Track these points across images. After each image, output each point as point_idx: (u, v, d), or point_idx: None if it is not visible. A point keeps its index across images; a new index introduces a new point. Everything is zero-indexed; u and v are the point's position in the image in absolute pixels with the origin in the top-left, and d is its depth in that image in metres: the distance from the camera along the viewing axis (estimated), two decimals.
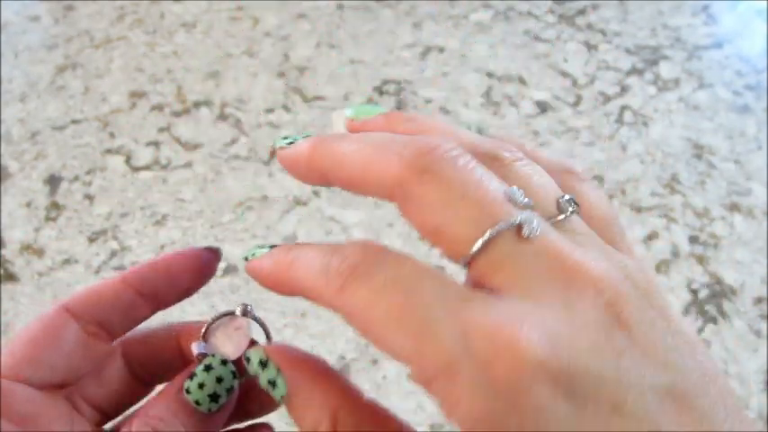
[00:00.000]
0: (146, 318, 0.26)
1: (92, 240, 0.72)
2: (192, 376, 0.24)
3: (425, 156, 0.20)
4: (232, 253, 0.70)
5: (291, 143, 0.25)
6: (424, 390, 0.18)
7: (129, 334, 0.25)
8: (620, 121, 0.82)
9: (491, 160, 0.22)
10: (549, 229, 0.20)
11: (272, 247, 0.23)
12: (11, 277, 0.69)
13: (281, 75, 0.88)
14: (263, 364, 0.22)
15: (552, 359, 0.17)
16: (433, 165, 0.20)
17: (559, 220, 0.21)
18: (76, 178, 0.78)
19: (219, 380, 0.24)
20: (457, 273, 0.21)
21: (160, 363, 0.26)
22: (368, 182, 0.21)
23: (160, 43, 0.93)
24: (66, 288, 0.68)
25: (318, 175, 0.23)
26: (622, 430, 0.17)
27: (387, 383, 0.60)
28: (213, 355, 0.25)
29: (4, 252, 0.71)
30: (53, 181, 0.77)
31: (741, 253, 0.69)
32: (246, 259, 0.23)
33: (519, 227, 0.19)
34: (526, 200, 0.20)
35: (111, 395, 0.25)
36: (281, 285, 0.22)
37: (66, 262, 0.70)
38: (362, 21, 0.95)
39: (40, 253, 0.71)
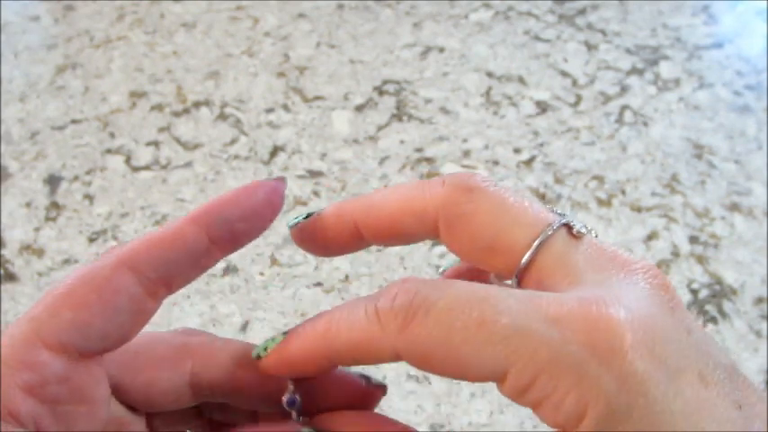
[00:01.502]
0: (213, 266, 0.22)
1: (92, 240, 0.72)
2: None
3: (468, 180, 0.21)
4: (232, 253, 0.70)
5: (308, 216, 0.24)
6: (519, 401, 0.18)
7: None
8: (620, 121, 0.82)
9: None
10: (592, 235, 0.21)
11: (285, 333, 0.21)
12: (11, 277, 0.69)
13: (281, 75, 0.88)
14: None
15: (643, 332, 0.18)
16: (478, 184, 0.21)
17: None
18: (76, 178, 0.78)
19: None
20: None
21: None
22: (407, 217, 0.21)
23: (160, 43, 0.93)
24: None
25: (350, 230, 0.22)
26: (711, 400, 0.18)
27: (387, 383, 0.60)
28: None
29: (4, 252, 0.71)
30: (53, 181, 0.77)
31: (741, 253, 0.69)
32: (260, 357, 0.21)
33: (568, 226, 0.20)
34: (559, 210, 0.22)
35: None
36: (324, 360, 0.20)
37: (66, 262, 0.70)
38: (362, 21, 0.95)
39: (39, 253, 0.71)
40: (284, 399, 0.22)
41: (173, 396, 0.23)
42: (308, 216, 0.24)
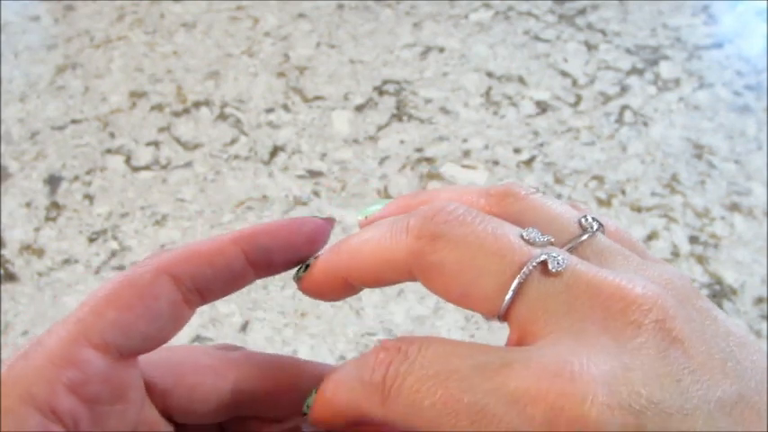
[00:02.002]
0: (247, 285, 0.24)
1: (92, 240, 0.72)
2: None
3: (432, 222, 0.20)
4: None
5: (306, 267, 0.24)
6: None
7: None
8: (620, 121, 0.82)
9: (504, 197, 0.21)
10: (576, 260, 0.19)
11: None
12: (11, 277, 0.69)
13: (281, 75, 0.88)
14: None
15: (617, 407, 0.16)
16: (443, 228, 0.20)
17: (585, 240, 0.20)
18: (76, 178, 0.78)
19: None
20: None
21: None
22: (384, 268, 0.21)
23: (160, 43, 0.93)
24: (67, 288, 0.68)
25: (341, 283, 0.23)
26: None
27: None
28: None
29: (4, 252, 0.71)
30: (53, 181, 0.77)
31: (741, 253, 0.69)
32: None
33: (544, 264, 0.19)
34: (545, 238, 0.20)
35: None
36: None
37: (66, 262, 0.70)
38: (362, 21, 0.95)
39: (39, 253, 0.71)
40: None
41: (213, 404, 0.23)
42: (306, 267, 0.24)
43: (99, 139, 0.82)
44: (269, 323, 0.65)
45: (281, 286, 0.67)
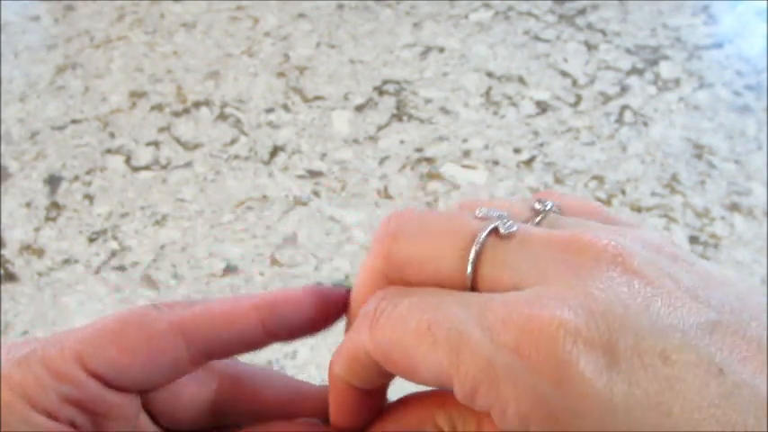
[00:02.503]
0: (257, 350, 0.24)
1: (92, 240, 0.72)
2: None
3: (389, 226, 0.21)
4: (232, 253, 0.70)
5: None
6: (475, 408, 0.18)
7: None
8: (620, 121, 0.82)
9: (471, 204, 0.22)
10: (527, 226, 0.20)
11: None
12: (11, 277, 0.69)
13: (281, 75, 0.88)
14: None
15: (584, 328, 0.17)
16: (399, 227, 0.21)
17: (539, 221, 0.21)
18: (76, 178, 0.78)
19: None
20: None
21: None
22: (362, 292, 0.22)
23: (160, 43, 0.93)
24: (67, 288, 0.68)
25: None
26: (678, 376, 0.16)
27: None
28: None
29: (4, 252, 0.71)
30: (53, 181, 0.77)
31: (741, 253, 0.69)
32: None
33: (495, 230, 0.20)
34: (498, 213, 0.20)
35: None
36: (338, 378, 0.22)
37: (66, 262, 0.70)
38: (362, 21, 0.95)
39: (39, 253, 0.71)
40: None
41: (195, 412, 0.24)
42: None
43: (99, 139, 0.82)
44: None
45: (281, 286, 0.67)
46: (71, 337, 0.21)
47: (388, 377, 0.21)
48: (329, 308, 0.24)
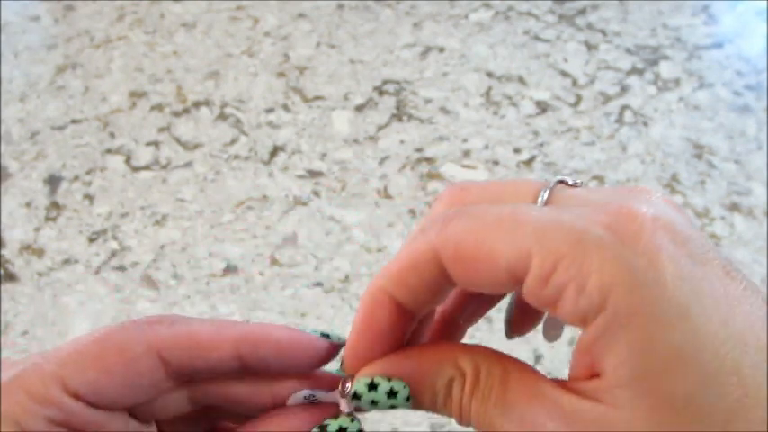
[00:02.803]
0: (233, 379, 0.23)
1: (92, 240, 0.72)
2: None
3: (448, 198, 0.23)
4: (232, 253, 0.70)
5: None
6: (541, 296, 0.18)
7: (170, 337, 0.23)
8: (620, 121, 0.82)
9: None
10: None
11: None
12: (11, 277, 0.69)
13: (281, 75, 0.88)
14: (373, 385, 0.21)
15: (665, 222, 0.18)
16: (465, 187, 0.22)
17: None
18: (76, 178, 0.78)
19: None
20: None
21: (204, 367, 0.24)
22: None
23: (160, 43, 0.93)
24: (67, 288, 0.68)
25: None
26: (737, 291, 0.18)
27: None
28: (352, 420, 0.23)
29: (4, 252, 0.71)
30: (53, 181, 0.77)
31: (741, 253, 0.69)
32: None
33: (563, 181, 0.22)
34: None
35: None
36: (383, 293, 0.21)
37: (66, 262, 0.70)
38: (362, 21, 0.95)
39: (39, 253, 0.71)
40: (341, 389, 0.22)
41: (172, 412, 0.24)
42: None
43: (99, 139, 0.82)
44: (268, 323, 0.65)
45: (281, 286, 0.67)
46: (51, 360, 0.21)
47: (438, 293, 0.21)
48: (312, 358, 0.23)
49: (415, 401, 0.21)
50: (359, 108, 0.84)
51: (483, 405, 0.20)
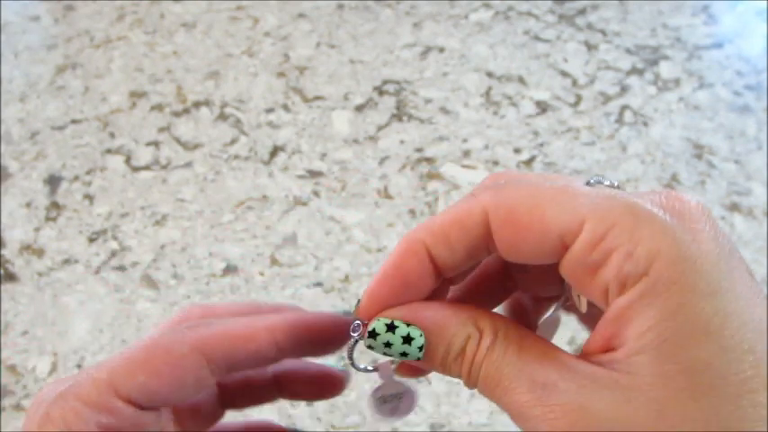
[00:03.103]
0: (270, 364, 0.26)
1: (92, 240, 0.72)
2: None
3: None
4: (232, 253, 0.70)
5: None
6: (585, 261, 0.19)
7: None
8: (620, 121, 0.82)
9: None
10: None
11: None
12: (11, 277, 0.69)
13: (281, 75, 0.88)
14: (392, 326, 0.22)
15: (707, 210, 0.20)
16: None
17: None
18: (76, 178, 0.78)
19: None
20: None
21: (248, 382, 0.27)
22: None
23: (160, 43, 0.93)
24: (67, 288, 0.68)
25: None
26: (756, 287, 0.20)
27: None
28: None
29: (4, 252, 0.71)
30: (53, 181, 0.77)
31: (741, 253, 0.69)
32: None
33: (600, 183, 0.23)
34: (607, 181, 0.23)
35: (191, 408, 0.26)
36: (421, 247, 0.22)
37: (66, 262, 0.70)
38: (362, 21, 0.95)
39: (39, 253, 0.71)
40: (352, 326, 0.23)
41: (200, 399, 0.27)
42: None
43: (99, 139, 0.82)
44: None
45: (281, 286, 0.67)
46: (103, 369, 0.23)
47: (473, 257, 0.22)
48: (340, 336, 0.25)
49: (426, 354, 0.21)
50: (359, 108, 0.84)
51: (496, 362, 0.20)
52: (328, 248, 0.70)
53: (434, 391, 0.60)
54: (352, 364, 0.25)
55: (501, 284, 0.25)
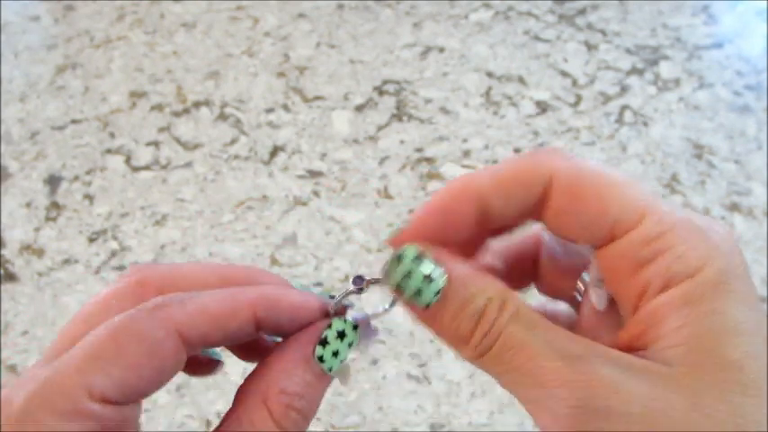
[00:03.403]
0: (247, 340, 0.23)
1: (92, 240, 0.72)
2: (324, 344, 0.23)
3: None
4: (232, 253, 0.70)
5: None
6: (634, 254, 0.20)
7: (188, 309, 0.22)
8: (620, 121, 0.82)
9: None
10: None
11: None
12: (11, 277, 0.69)
13: (281, 75, 0.88)
14: (420, 257, 0.21)
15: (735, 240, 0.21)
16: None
17: None
18: (76, 178, 0.78)
19: (350, 345, 0.23)
20: None
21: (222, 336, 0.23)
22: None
23: (160, 43, 0.93)
24: (67, 288, 0.68)
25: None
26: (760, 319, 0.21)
27: (387, 383, 0.60)
28: (345, 320, 0.23)
29: (4, 252, 0.71)
30: (53, 181, 0.77)
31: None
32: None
33: None
34: None
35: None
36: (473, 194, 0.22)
37: (66, 262, 0.70)
38: (362, 21, 0.95)
39: (39, 253, 0.71)
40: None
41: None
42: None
43: (99, 139, 0.82)
44: None
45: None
46: (68, 369, 0.20)
47: (520, 216, 0.22)
48: (318, 316, 0.24)
49: (442, 300, 0.21)
50: (359, 108, 0.84)
51: (521, 331, 0.20)
52: (328, 248, 0.70)
53: (434, 391, 0.60)
54: (332, 296, 0.24)
55: (523, 273, 0.25)
